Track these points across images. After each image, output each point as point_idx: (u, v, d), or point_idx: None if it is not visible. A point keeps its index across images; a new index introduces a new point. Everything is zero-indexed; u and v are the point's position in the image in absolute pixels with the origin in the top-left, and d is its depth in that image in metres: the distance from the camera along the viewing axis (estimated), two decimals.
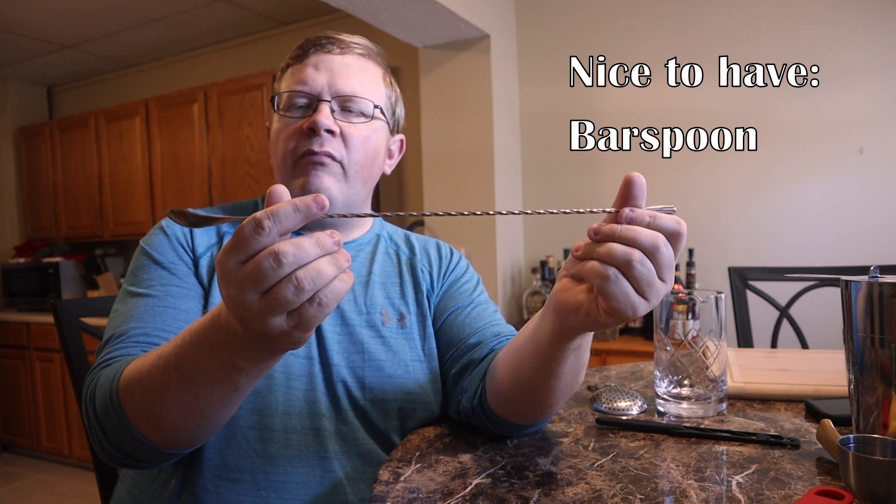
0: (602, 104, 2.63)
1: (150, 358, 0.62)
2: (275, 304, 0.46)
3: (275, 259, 0.45)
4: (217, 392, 0.58)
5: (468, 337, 0.86)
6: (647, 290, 0.51)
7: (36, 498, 3.02)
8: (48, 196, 3.95)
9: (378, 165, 0.90)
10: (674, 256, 0.52)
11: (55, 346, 3.35)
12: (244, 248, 0.46)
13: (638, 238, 0.50)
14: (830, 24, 2.24)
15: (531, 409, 0.72)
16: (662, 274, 0.51)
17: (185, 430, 0.63)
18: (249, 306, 0.47)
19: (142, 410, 0.62)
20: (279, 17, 3.29)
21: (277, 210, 0.46)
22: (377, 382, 0.81)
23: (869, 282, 0.63)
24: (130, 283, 0.80)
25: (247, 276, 0.46)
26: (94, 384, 0.68)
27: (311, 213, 0.46)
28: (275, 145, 0.85)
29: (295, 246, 0.46)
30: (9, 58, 3.72)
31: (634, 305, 0.51)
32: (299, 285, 0.46)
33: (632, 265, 0.50)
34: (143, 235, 0.86)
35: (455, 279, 0.94)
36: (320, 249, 0.47)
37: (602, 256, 0.51)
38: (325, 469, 0.76)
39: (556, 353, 0.63)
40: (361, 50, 0.88)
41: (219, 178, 3.23)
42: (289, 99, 0.84)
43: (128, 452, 0.65)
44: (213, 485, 0.73)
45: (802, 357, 1.11)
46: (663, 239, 0.51)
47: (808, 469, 0.63)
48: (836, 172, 2.25)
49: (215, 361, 0.55)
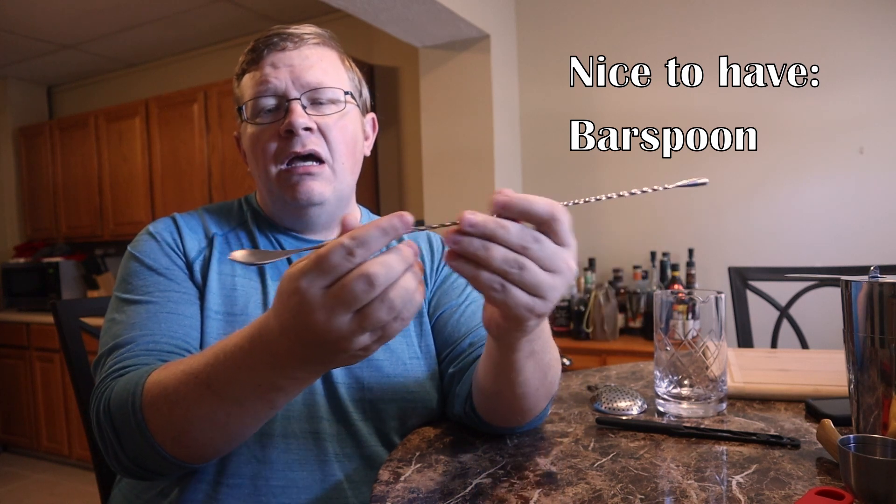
0: (602, 104, 2.63)
1: (175, 373, 0.60)
2: (367, 325, 0.46)
3: (367, 282, 0.45)
4: (252, 410, 0.57)
5: (463, 337, 0.85)
6: (535, 290, 0.49)
7: (36, 498, 3.02)
8: (48, 196, 3.95)
9: (360, 150, 0.89)
10: (556, 244, 0.49)
11: (55, 346, 3.34)
12: (332, 273, 0.45)
13: (508, 238, 0.47)
14: (830, 24, 2.23)
15: (512, 415, 0.72)
16: (548, 267, 0.49)
17: (212, 446, 0.62)
18: (339, 328, 0.46)
19: (168, 426, 0.60)
20: (279, 17, 3.29)
21: (365, 236, 0.45)
22: (376, 382, 0.81)
23: (869, 282, 0.63)
24: (124, 291, 0.78)
25: (336, 300, 0.45)
26: (108, 394, 0.66)
27: (398, 233, 0.46)
28: (253, 153, 0.83)
29: (384, 266, 0.45)
30: (9, 58, 3.72)
31: (531, 307, 0.50)
32: (392, 305, 0.46)
33: (509, 273, 0.48)
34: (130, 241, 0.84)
35: (449, 273, 0.93)
36: (405, 264, 0.46)
37: (482, 263, 0.47)
38: (325, 472, 0.76)
39: (510, 364, 0.63)
40: (316, 39, 0.85)
41: (219, 178, 3.23)
42: (256, 105, 0.81)
43: (146, 466, 0.64)
44: (212, 490, 0.73)
45: (802, 357, 1.11)
46: (532, 235, 0.48)
47: (809, 469, 0.63)
48: (836, 172, 2.25)
49: (253, 381, 0.54)
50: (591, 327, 2.35)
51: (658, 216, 2.55)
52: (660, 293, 0.84)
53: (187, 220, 0.85)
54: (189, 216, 0.87)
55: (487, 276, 0.48)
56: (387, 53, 3.11)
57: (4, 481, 3.25)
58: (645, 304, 2.40)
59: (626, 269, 2.54)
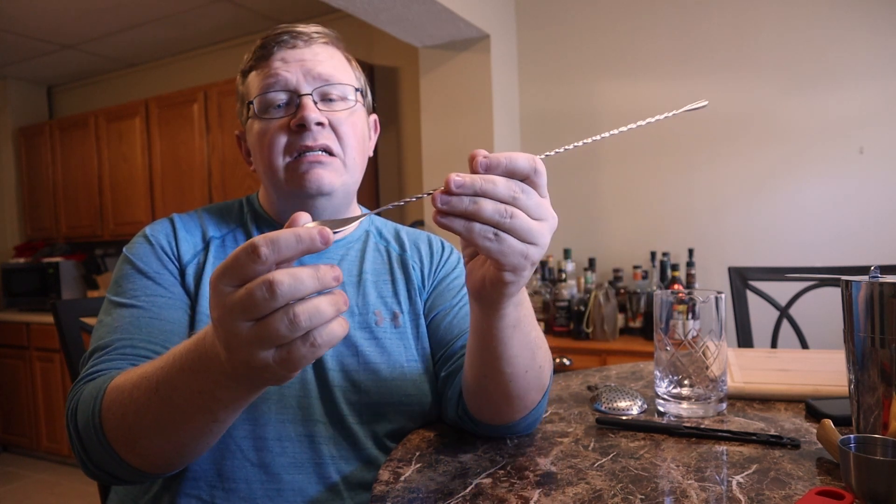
0: (602, 104, 2.64)
1: (132, 377, 0.59)
2: (265, 336, 0.44)
3: (268, 289, 0.42)
4: (195, 421, 0.56)
5: (456, 339, 0.85)
6: (528, 236, 0.51)
7: (36, 498, 3.02)
8: (48, 196, 3.96)
9: (367, 148, 0.89)
10: (539, 194, 0.51)
11: (55, 346, 3.35)
12: (237, 274, 0.44)
13: (496, 191, 0.49)
14: (830, 24, 2.24)
15: (503, 405, 0.71)
16: (535, 216, 0.51)
17: (162, 455, 0.61)
18: (237, 333, 0.45)
19: (120, 432, 0.60)
20: (279, 17, 3.29)
21: (278, 238, 0.43)
22: (372, 385, 0.80)
23: (869, 282, 0.63)
24: (114, 294, 0.78)
25: (237, 303, 0.44)
26: (77, 398, 0.66)
27: (315, 247, 0.43)
28: (259, 149, 0.82)
29: (292, 277, 0.43)
30: (9, 58, 3.72)
31: (525, 253, 0.51)
32: (295, 320, 0.43)
33: (501, 223, 0.49)
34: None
35: (445, 274, 0.92)
36: (318, 283, 0.44)
37: (472, 216, 0.49)
38: (320, 475, 0.75)
39: (496, 336, 0.62)
40: (325, 39, 0.85)
41: (219, 178, 3.23)
42: (265, 100, 0.80)
43: (108, 471, 0.63)
44: (207, 495, 0.72)
45: (802, 357, 1.11)
46: (519, 186, 0.50)
47: (809, 469, 0.63)
48: (836, 172, 2.25)
49: (194, 388, 0.53)
50: (591, 327, 2.35)
51: (658, 216, 2.55)
52: (660, 293, 0.84)
53: (185, 222, 0.85)
54: (188, 217, 0.86)
55: (480, 227, 0.49)
56: (387, 53, 3.11)
57: (4, 481, 3.25)
58: (645, 304, 2.40)
59: (626, 269, 2.54)
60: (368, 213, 0.53)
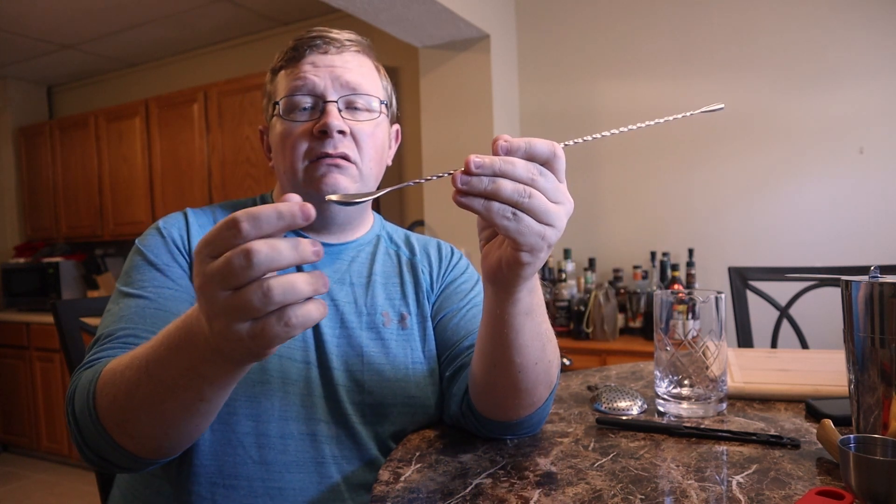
0: (602, 104, 2.63)
1: (125, 359, 0.60)
2: (239, 306, 0.44)
3: (245, 256, 0.43)
4: (182, 399, 0.56)
5: (462, 339, 0.85)
6: (545, 217, 0.52)
7: (36, 498, 3.02)
8: (48, 196, 3.96)
9: (385, 159, 0.90)
10: (557, 179, 0.53)
11: (55, 346, 3.34)
12: (217, 244, 0.45)
13: (515, 172, 0.50)
14: (830, 24, 2.24)
15: (509, 398, 0.70)
16: (552, 198, 0.52)
17: (152, 436, 0.61)
18: (215, 302, 0.45)
19: (112, 411, 0.60)
20: (279, 17, 3.29)
21: (259, 213, 0.44)
22: (376, 386, 0.81)
23: (869, 282, 0.63)
24: (124, 284, 0.78)
25: (216, 271, 0.44)
26: (75, 384, 0.66)
27: (296, 223, 0.44)
28: (281, 150, 0.83)
29: (270, 247, 0.43)
30: (9, 58, 3.72)
31: (542, 234, 0.52)
32: (268, 293, 0.43)
33: (519, 202, 0.50)
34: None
35: (453, 279, 0.93)
36: (296, 255, 0.44)
37: (491, 196, 0.50)
38: (322, 475, 0.75)
39: (508, 322, 0.63)
40: (357, 47, 0.86)
41: (219, 178, 3.23)
42: (292, 102, 0.82)
43: (105, 457, 0.63)
44: (208, 492, 0.72)
45: (802, 357, 1.11)
46: (537, 168, 0.51)
47: (809, 469, 0.63)
48: (836, 172, 2.25)
49: (181, 365, 0.53)
50: (591, 327, 2.35)
51: (658, 216, 2.55)
52: (660, 293, 0.84)
53: (198, 217, 0.85)
54: (201, 212, 0.86)
55: (499, 206, 0.50)
56: (387, 53, 3.11)
57: (4, 481, 3.25)
58: (645, 304, 2.40)
59: (626, 269, 2.54)
60: (387, 190, 0.54)
